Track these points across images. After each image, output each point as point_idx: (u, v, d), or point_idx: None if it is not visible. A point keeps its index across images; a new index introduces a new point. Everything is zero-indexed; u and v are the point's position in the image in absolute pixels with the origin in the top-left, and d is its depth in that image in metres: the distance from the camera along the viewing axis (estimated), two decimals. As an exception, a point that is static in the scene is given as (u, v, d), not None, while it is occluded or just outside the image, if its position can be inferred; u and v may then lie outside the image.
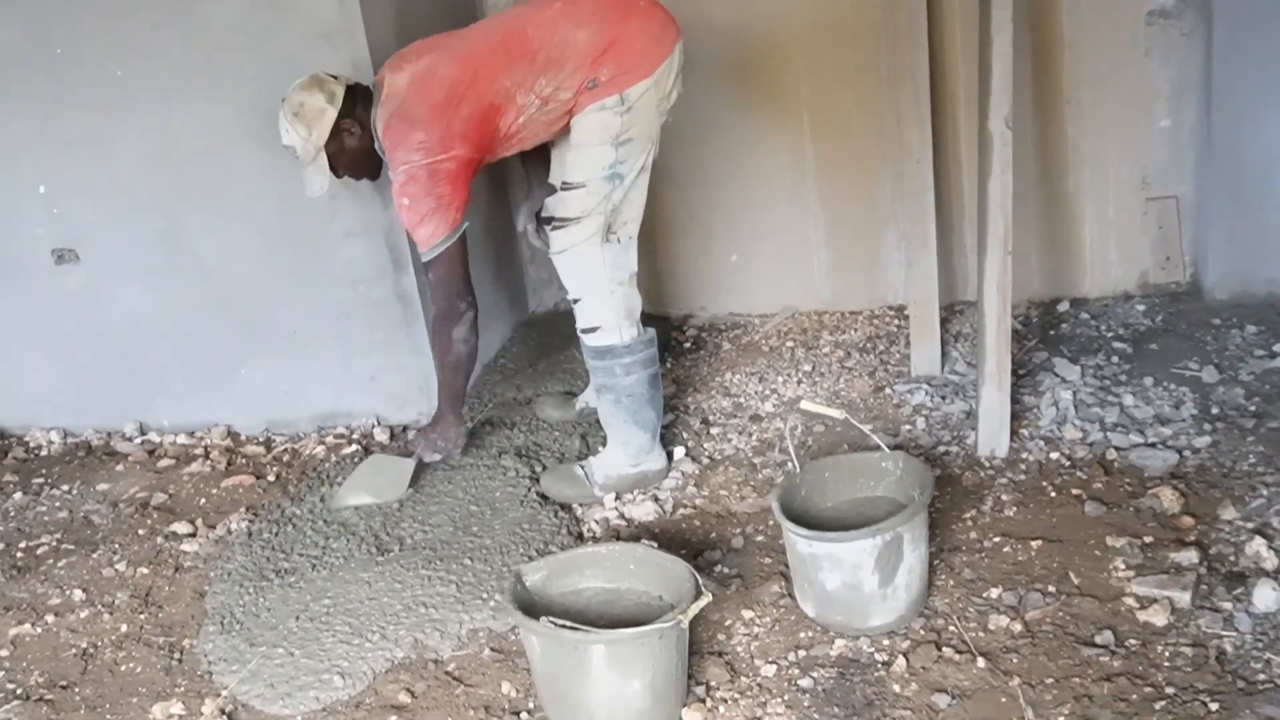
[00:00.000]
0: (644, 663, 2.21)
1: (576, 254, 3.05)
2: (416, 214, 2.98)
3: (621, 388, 3.11)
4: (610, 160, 2.97)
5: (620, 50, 2.91)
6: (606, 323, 3.08)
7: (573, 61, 2.92)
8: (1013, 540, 2.74)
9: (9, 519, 3.56)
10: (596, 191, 2.98)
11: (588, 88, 2.92)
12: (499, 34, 3.04)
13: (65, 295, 3.95)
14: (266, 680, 2.58)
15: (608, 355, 3.10)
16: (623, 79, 2.91)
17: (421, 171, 2.94)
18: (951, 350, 3.69)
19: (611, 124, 2.94)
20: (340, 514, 3.22)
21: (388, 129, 3.02)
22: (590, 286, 3.07)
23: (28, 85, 3.68)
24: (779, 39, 3.95)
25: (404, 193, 2.97)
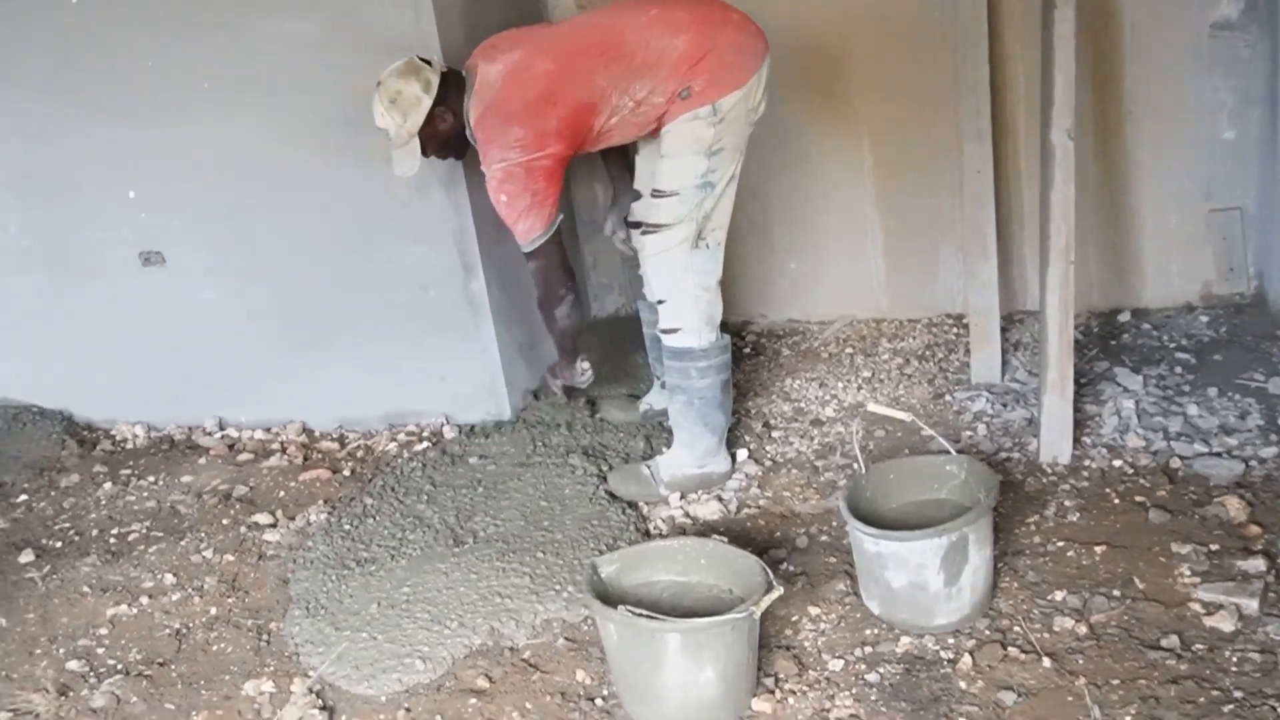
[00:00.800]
0: (716, 652, 2.30)
1: (666, 258, 3.13)
2: (514, 210, 3.06)
3: (694, 390, 3.19)
4: (703, 169, 3.04)
5: (713, 61, 2.98)
6: (687, 325, 3.17)
7: (667, 68, 2.99)
8: (1076, 545, 2.80)
9: (100, 507, 3.72)
10: (688, 200, 3.06)
11: (681, 96, 2.99)
12: (595, 34, 3.10)
13: (149, 296, 4.10)
14: (352, 662, 2.70)
15: (685, 357, 3.19)
16: (715, 90, 2.98)
17: (519, 169, 3.02)
18: (1011, 359, 3.75)
19: (704, 134, 3.01)
20: (415, 508, 3.34)
21: (482, 121, 3.09)
22: (676, 290, 3.16)
23: (122, 96, 3.83)
24: (840, 50, 4.02)
25: (501, 190, 3.05)
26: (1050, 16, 3.22)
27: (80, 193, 4.01)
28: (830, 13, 3.98)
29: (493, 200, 3.11)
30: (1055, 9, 3.20)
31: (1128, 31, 3.75)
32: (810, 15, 3.99)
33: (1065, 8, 3.19)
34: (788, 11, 3.94)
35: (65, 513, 3.73)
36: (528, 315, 3.98)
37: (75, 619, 3.09)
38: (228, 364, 4.12)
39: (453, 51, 3.51)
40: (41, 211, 4.08)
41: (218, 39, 3.66)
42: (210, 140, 3.80)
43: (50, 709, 2.72)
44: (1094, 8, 3.69)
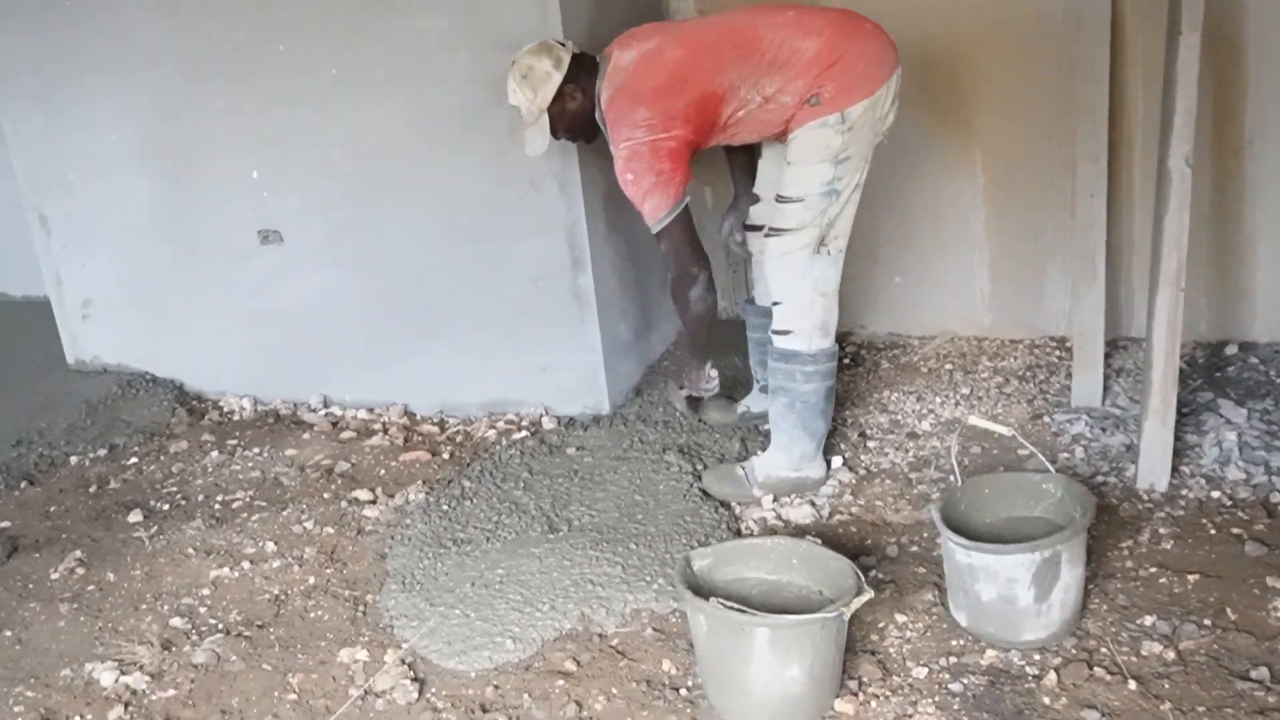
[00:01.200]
0: (804, 650, 2.33)
1: (787, 261, 3.16)
2: (640, 189, 3.10)
3: (798, 393, 3.22)
4: (829, 177, 3.07)
5: (844, 69, 3.01)
6: (800, 329, 3.20)
7: (797, 68, 3.02)
8: (1169, 572, 2.78)
9: (207, 474, 3.86)
10: (813, 206, 3.08)
11: (810, 103, 3.03)
12: (730, 29, 3.13)
13: (264, 274, 4.25)
14: (444, 638, 2.78)
15: (792, 359, 3.22)
16: (844, 97, 3.01)
17: (644, 148, 3.06)
18: (1113, 384, 3.71)
19: (832, 142, 3.04)
20: (512, 494, 3.41)
21: (612, 102, 3.14)
22: (793, 293, 3.18)
23: (251, 82, 3.99)
24: (958, 68, 4.02)
25: (628, 169, 3.10)
26: (1175, 44, 3.21)
27: (206, 169, 4.18)
28: (952, 31, 3.98)
29: (620, 180, 3.14)
30: (1180, 36, 3.18)
31: (1251, 62, 3.70)
32: (932, 32, 3.99)
33: (1191, 35, 3.17)
34: (909, 25, 3.92)
35: (173, 477, 3.88)
36: (633, 313, 4.07)
37: (179, 578, 3.22)
38: (336, 344, 4.25)
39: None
40: (168, 185, 4.26)
41: (350, 28, 3.79)
42: (334, 125, 3.93)
43: (154, 661, 2.84)
44: (1219, 37, 3.65)
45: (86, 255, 4.56)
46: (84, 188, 4.42)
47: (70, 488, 3.86)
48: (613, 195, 3.84)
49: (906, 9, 3.85)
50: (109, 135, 4.29)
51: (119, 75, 4.17)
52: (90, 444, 4.15)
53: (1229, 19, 3.66)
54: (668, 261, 3.23)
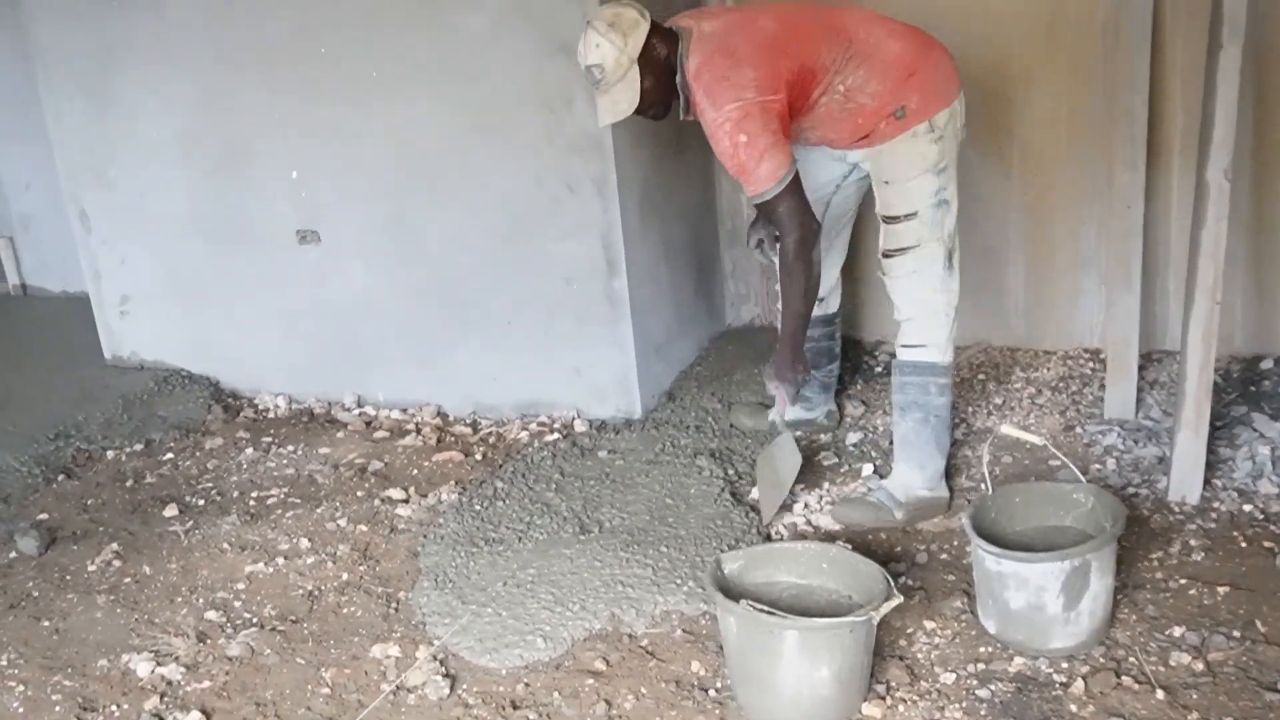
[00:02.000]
0: (833, 653, 2.35)
1: (919, 279, 3.12)
2: (757, 150, 2.87)
3: (933, 406, 3.19)
4: (935, 188, 3.05)
5: (924, 79, 3.00)
6: (935, 342, 3.18)
7: (879, 67, 2.97)
8: (1199, 584, 2.78)
9: (241, 471, 3.90)
10: (927, 219, 3.05)
11: (896, 116, 2.99)
12: (815, 11, 3.07)
13: (301, 272, 4.29)
14: (476, 635, 2.81)
15: (928, 371, 3.19)
16: (929, 106, 3.00)
17: (756, 108, 2.87)
18: (1146, 396, 3.71)
19: (928, 152, 3.02)
20: (544, 495, 3.44)
21: (707, 65, 2.93)
22: (928, 308, 3.15)
23: (292, 79, 4.03)
24: (995, 75, 4.01)
25: (741, 129, 2.87)
26: (1215, 55, 3.20)
27: (247, 166, 4.23)
28: (991, 39, 3.97)
29: (728, 146, 2.91)
30: (1222, 48, 3.18)
31: (1293, 74, 3.69)
32: (971, 40, 3.97)
33: (1232, 46, 3.16)
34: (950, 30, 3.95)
35: (208, 473, 3.93)
36: (666, 316, 4.10)
37: (215, 573, 3.26)
38: (371, 344, 4.29)
39: (612, 55, 3.61)
40: (209, 181, 4.31)
41: (391, 26, 3.83)
42: (374, 123, 3.97)
43: (189, 653, 2.88)
44: (1262, 47, 3.63)
45: (125, 251, 4.62)
46: (124, 183, 4.48)
47: (107, 481, 3.92)
48: (648, 198, 3.90)
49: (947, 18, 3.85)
50: (150, 131, 4.35)
51: (161, 71, 4.23)
52: (127, 439, 4.20)
53: (1273, 30, 3.64)
54: (787, 223, 2.98)
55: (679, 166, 4.18)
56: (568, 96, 3.66)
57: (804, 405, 3.74)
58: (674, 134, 4.10)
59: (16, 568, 3.38)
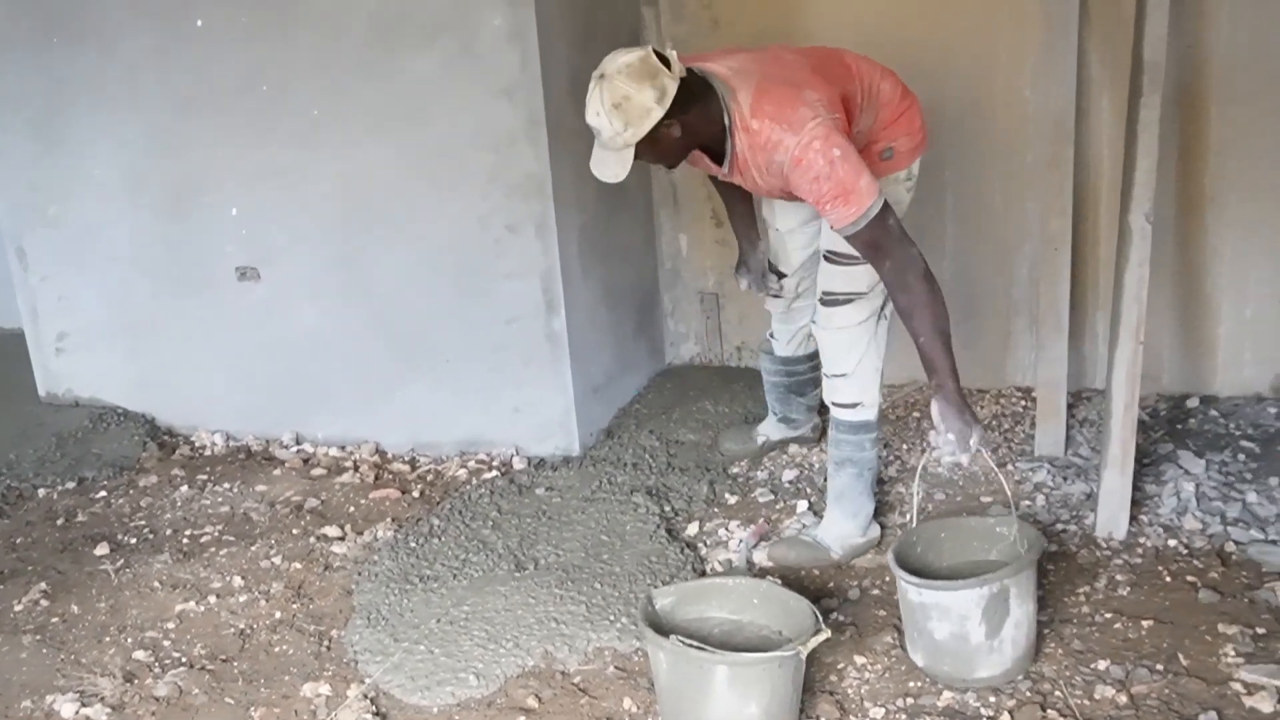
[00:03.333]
0: (763, 687, 2.36)
1: (859, 331, 3.05)
2: (852, 163, 2.62)
3: (866, 461, 3.18)
4: None
5: (908, 122, 3.00)
6: (868, 400, 3.13)
7: (878, 106, 2.92)
8: (1124, 618, 2.82)
9: (176, 508, 3.86)
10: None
11: (883, 157, 2.96)
12: (820, 52, 2.97)
13: (244, 310, 4.27)
14: (408, 673, 2.79)
15: (863, 430, 3.15)
16: (912, 153, 3.02)
17: (833, 124, 2.65)
18: (1076, 434, 3.77)
19: (903, 198, 3.03)
20: (480, 532, 3.44)
21: (766, 96, 2.69)
22: (863, 365, 3.09)
23: (241, 120, 4.03)
24: (929, 121, 4.09)
25: (832, 144, 2.61)
26: (1136, 104, 3.30)
27: (190, 205, 4.21)
28: (923, 85, 4.05)
29: (824, 166, 2.62)
30: (1142, 96, 3.28)
31: (1215, 122, 3.79)
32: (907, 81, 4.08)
33: (1151, 96, 3.27)
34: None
35: (141, 511, 3.88)
36: (605, 356, 4.13)
37: (145, 611, 3.22)
38: (309, 382, 4.27)
39: (555, 99, 3.65)
40: (154, 220, 4.28)
41: (338, 68, 3.84)
42: (319, 164, 3.97)
43: (115, 693, 2.84)
44: (1184, 97, 3.76)
45: (64, 289, 4.57)
46: (66, 220, 4.45)
47: (38, 520, 3.86)
48: (589, 239, 3.94)
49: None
50: (95, 169, 4.32)
51: (109, 110, 4.21)
52: (60, 476, 4.15)
53: (1194, 80, 3.76)
54: (903, 241, 2.71)
55: (620, 207, 4.22)
56: (511, 139, 3.69)
57: (791, 425, 3.82)
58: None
59: (-59, 608, 3.33)
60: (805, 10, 4.08)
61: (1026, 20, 3.87)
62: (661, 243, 4.58)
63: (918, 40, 3.90)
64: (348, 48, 3.81)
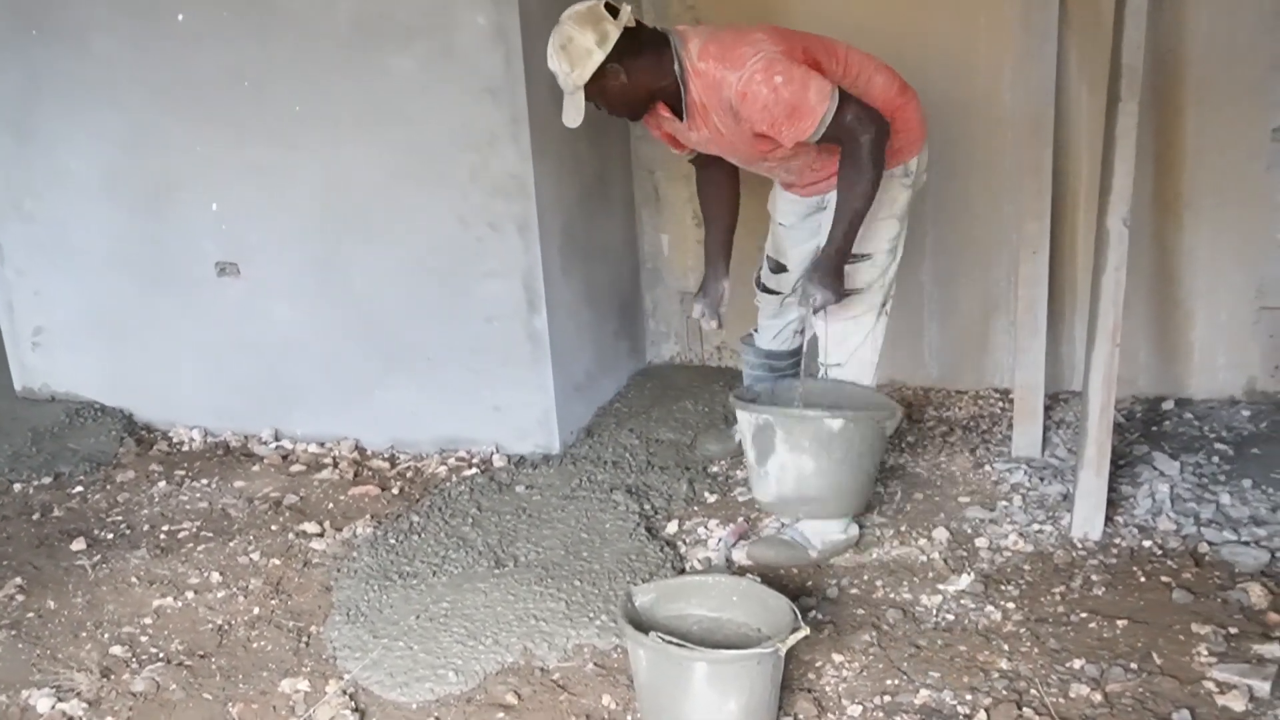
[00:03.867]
0: (741, 684, 2.37)
1: (856, 325, 3.15)
2: (794, 83, 2.78)
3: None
4: (895, 233, 3.10)
5: (904, 119, 3.04)
6: None
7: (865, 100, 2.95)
8: (1099, 618, 2.85)
9: (153, 504, 3.85)
10: (879, 264, 3.10)
11: None
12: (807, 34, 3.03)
13: (223, 306, 4.25)
14: (387, 669, 2.79)
15: None
16: (908, 149, 3.06)
17: (778, 55, 2.81)
18: (1053, 436, 3.81)
19: (899, 196, 3.08)
20: (460, 530, 3.43)
21: (712, 40, 2.89)
22: (858, 357, 3.19)
23: (216, 113, 4.01)
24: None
25: (773, 74, 2.78)
26: (1114, 110, 3.33)
27: (169, 201, 4.19)
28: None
29: (768, 94, 2.80)
30: (1120, 103, 3.31)
31: (1192, 129, 3.83)
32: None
33: (1129, 103, 3.31)
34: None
35: (119, 506, 3.86)
36: (586, 355, 4.14)
37: (121, 607, 3.20)
38: (289, 378, 4.26)
39: (538, 98, 3.65)
40: (132, 216, 4.26)
41: (319, 66, 3.83)
42: (300, 162, 3.96)
43: (92, 688, 2.82)
44: (1161, 103, 3.79)
45: (40, 283, 4.55)
46: (43, 215, 4.42)
47: (13, 515, 3.83)
48: (571, 239, 3.94)
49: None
50: (72, 164, 4.30)
51: (88, 104, 4.19)
52: (35, 472, 4.12)
53: (1170, 84, 3.79)
54: (862, 124, 2.84)
55: (602, 207, 4.23)
56: (492, 138, 3.69)
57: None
58: (597, 173, 4.17)
59: (-85, 602, 3.31)
60: (784, 7, 4.10)
61: (1005, 23, 3.91)
62: (643, 242, 4.60)
63: (896, 38, 3.89)
64: (329, 46, 3.80)
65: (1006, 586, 3.01)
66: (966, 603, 2.95)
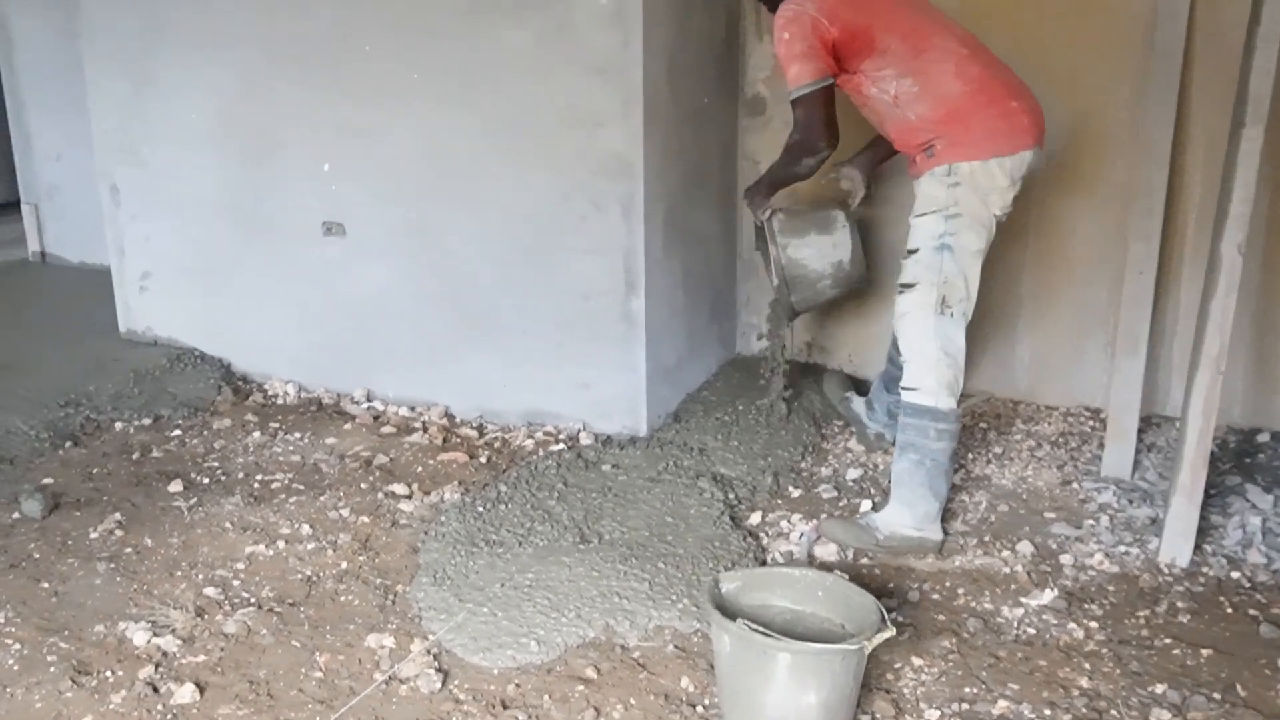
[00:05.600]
0: (823, 679, 2.39)
1: (910, 320, 3.23)
2: (791, 51, 3.13)
3: (928, 450, 3.24)
4: (939, 231, 3.14)
5: (963, 126, 3.10)
6: (926, 387, 3.24)
7: (932, 94, 3.12)
8: (1183, 645, 2.83)
9: (248, 453, 3.95)
10: (924, 260, 3.16)
11: (926, 155, 3.15)
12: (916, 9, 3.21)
13: (322, 265, 4.35)
14: (470, 633, 2.85)
15: (924, 415, 3.25)
16: (955, 151, 3.10)
17: (806, 18, 3.11)
18: (1144, 459, 3.77)
19: (939, 194, 3.13)
20: (545, 503, 3.48)
21: None
22: (919, 351, 3.24)
23: (330, 76, 4.11)
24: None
25: (786, 29, 3.14)
26: (1238, 135, 3.27)
27: (279, 156, 4.30)
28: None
29: (777, 41, 3.18)
30: (1244, 127, 3.25)
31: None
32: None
33: (1254, 127, 3.24)
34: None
35: (215, 453, 3.98)
36: (678, 339, 4.15)
37: (215, 550, 3.30)
38: (385, 340, 4.34)
39: (652, 80, 3.68)
40: (240, 168, 4.38)
41: (436, 34, 3.90)
42: (409, 127, 4.04)
43: (186, 626, 2.92)
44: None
45: (150, 228, 4.68)
46: (156, 162, 4.55)
47: (113, 452, 3.96)
48: (673, 222, 3.96)
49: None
50: (186, 114, 4.42)
51: (205, 55, 4.31)
52: (136, 412, 4.25)
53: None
54: (797, 125, 3.24)
55: (703, 194, 4.25)
56: (602, 117, 3.73)
57: (868, 411, 3.93)
58: (701, 160, 4.18)
59: (19, 529, 3.42)
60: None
61: (1126, 41, 3.86)
62: (741, 233, 4.60)
63: (1008, 51, 3.87)
64: (445, 14, 3.87)
65: (1090, 605, 3.00)
66: (1048, 618, 2.94)
